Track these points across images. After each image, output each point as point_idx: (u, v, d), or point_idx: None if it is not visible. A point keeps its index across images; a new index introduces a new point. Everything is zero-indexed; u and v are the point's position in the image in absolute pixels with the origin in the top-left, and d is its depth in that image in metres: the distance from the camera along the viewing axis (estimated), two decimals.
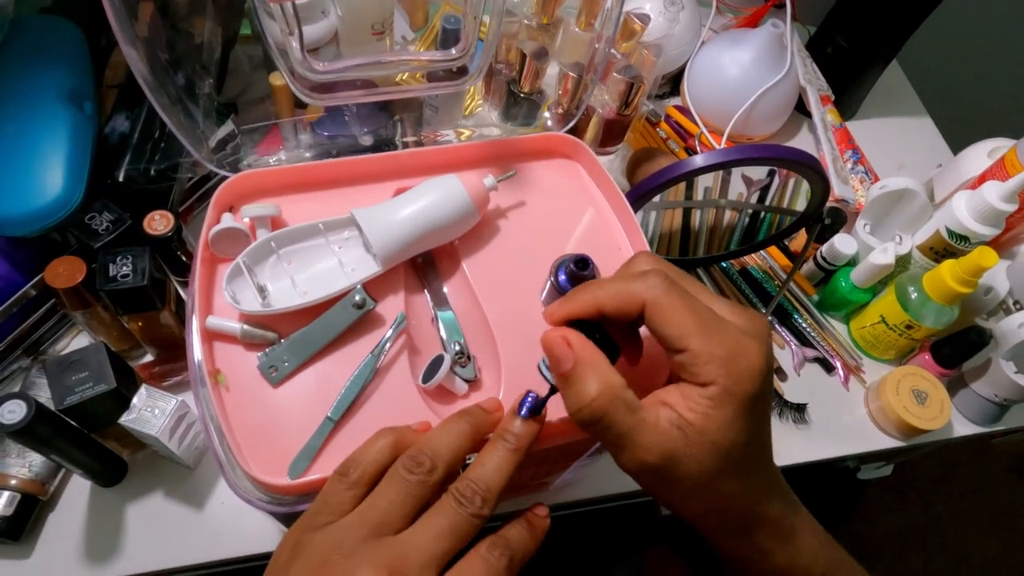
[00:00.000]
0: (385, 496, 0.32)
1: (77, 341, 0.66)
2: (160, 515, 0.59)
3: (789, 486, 0.38)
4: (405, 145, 0.66)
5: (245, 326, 0.43)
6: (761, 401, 0.33)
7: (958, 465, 1.69)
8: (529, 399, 0.35)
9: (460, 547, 0.30)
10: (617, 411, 0.32)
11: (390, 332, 0.44)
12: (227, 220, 0.45)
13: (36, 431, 0.48)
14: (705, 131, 0.87)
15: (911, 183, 0.76)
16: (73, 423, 0.52)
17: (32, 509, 0.56)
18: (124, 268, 0.54)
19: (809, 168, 0.61)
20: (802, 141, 0.97)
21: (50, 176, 0.57)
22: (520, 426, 0.34)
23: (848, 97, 0.99)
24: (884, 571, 1.54)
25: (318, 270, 0.46)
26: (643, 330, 0.36)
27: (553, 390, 0.36)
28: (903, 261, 0.77)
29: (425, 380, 0.43)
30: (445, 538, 0.30)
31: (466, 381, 0.46)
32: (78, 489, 0.59)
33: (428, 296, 0.49)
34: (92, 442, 0.55)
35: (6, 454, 0.57)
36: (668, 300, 0.32)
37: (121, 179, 0.62)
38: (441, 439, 0.33)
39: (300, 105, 0.63)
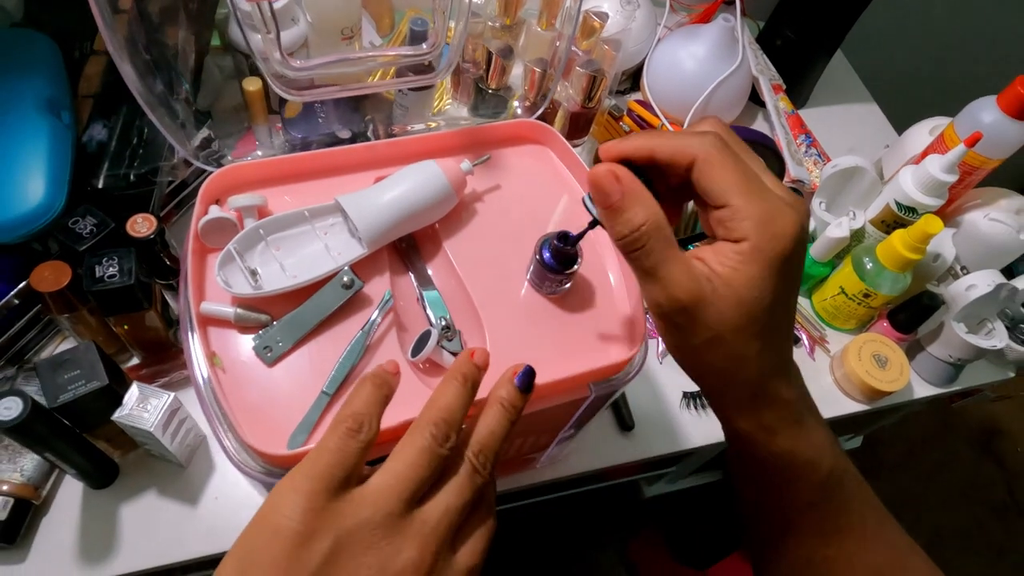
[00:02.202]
0: (418, 470, 0.32)
1: (62, 348, 0.67)
2: (154, 513, 0.60)
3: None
4: None
5: (238, 310, 0.44)
6: (789, 266, 0.33)
7: (923, 442, 1.74)
8: (524, 372, 0.37)
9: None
10: (658, 240, 0.33)
11: (378, 310, 0.46)
12: (215, 211, 0.47)
13: (33, 428, 0.48)
14: (666, 122, 0.91)
15: (861, 161, 0.80)
16: (66, 422, 0.53)
17: (25, 513, 0.57)
18: (111, 269, 0.55)
19: (764, 147, 0.64)
20: (758, 128, 1.01)
21: (32, 183, 0.58)
22: (515, 393, 0.36)
23: (799, 86, 1.04)
24: None
25: (305, 255, 0.48)
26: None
27: (593, 223, 0.37)
28: (858, 235, 0.82)
29: (414, 355, 0.45)
30: (467, 505, 0.33)
31: (453, 354, 0.48)
32: (71, 493, 0.60)
33: (413, 277, 0.51)
34: (85, 442, 0.56)
35: None
36: (719, 158, 0.34)
37: (101, 185, 0.63)
38: (453, 410, 0.34)
39: (273, 111, 0.66)
